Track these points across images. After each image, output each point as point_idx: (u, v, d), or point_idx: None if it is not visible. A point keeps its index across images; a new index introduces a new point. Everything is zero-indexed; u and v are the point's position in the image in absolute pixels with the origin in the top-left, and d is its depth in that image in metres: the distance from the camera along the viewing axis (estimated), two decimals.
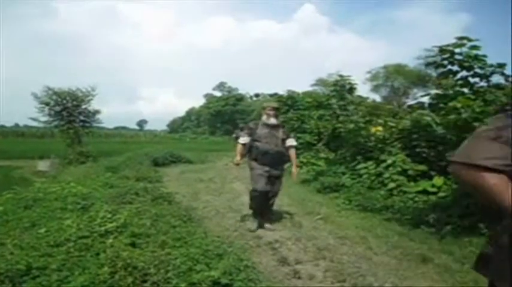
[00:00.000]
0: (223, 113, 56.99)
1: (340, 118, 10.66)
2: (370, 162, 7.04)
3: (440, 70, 5.45)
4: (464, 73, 5.29)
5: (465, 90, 5.33)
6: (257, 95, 64.29)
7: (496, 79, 5.29)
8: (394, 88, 36.44)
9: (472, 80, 5.31)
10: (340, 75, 12.45)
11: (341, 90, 12.04)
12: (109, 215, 3.41)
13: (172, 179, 9.19)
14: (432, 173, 5.98)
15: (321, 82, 33.97)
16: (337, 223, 5.00)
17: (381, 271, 3.35)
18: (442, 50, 5.23)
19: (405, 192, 5.93)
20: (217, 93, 65.13)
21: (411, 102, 24.53)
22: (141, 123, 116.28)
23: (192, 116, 72.34)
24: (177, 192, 6.39)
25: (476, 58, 5.15)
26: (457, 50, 5.18)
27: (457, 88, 5.38)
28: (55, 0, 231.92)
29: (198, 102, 72.54)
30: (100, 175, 7.11)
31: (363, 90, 34.47)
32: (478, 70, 5.22)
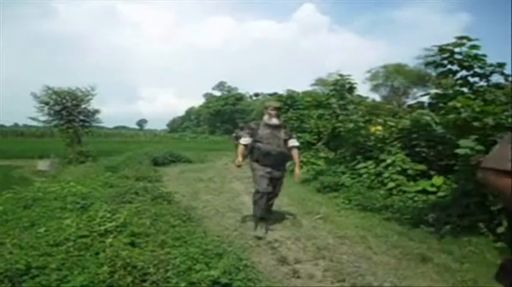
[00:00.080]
0: (222, 113, 57.07)
1: (339, 118, 10.63)
2: (369, 161, 7.04)
3: (439, 70, 5.44)
4: (464, 73, 5.28)
5: (465, 89, 5.32)
6: (257, 95, 64.37)
7: (496, 79, 5.29)
8: (394, 88, 36.47)
9: (472, 80, 5.30)
10: (340, 74, 12.42)
11: (341, 89, 12.01)
12: (108, 214, 3.40)
13: (171, 178, 9.19)
14: (432, 172, 5.98)
15: (321, 82, 33.95)
16: (336, 223, 5.01)
17: (380, 271, 3.35)
18: (442, 50, 5.22)
19: (405, 191, 5.93)
20: (216, 92, 65.38)
21: (411, 101, 24.59)
22: (141, 122, 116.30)
23: (192, 116, 72.43)
24: (177, 191, 6.39)
25: (476, 58, 5.14)
26: (457, 50, 5.17)
27: (457, 88, 5.37)
28: (55, 0, 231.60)
29: (198, 102, 72.58)
30: (100, 175, 7.11)
31: (363, 89, 34.51)
32: (478, 70, 5.21)
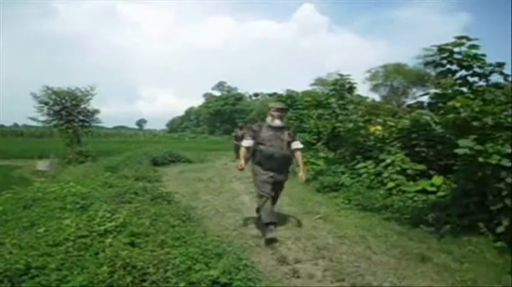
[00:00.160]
0: (222, 113, 57.03)
1: (339, 117, 10.62)
2: (369, 161, 7.04)
3: (439, 69, 5.43)
4: (463, 72, 5.27)
5: (464, 89, 5.32)
6: (256, 95, 64.37)
7: (495, 78, 5.27)
8: (394, 87, 36.46)
9: (471, 79, 5.30)
10: (339, 74, 12.41)
11: (340, 89, 12.00)
12: (108, 214, 3.40)
13: (171, 178, 9.20)
14: (431, 172, 5.99)
15: (321, 81, 33.92)
16: (336, 222, 5.01)
17: (380, 270, 3.35)
18: (441, 49, 5.21)
19: (404, 191, 5.94)
20: (216, 92, 65.29)
21: (410, 101, 24.65)
22: (141, 122, 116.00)
23: (192, 116, 72.34)
24: (176, 191, 6.38)
25: (475, 57, 5.14)
26: (456, 49, 5.16)
27: (456, 87, 5.36)
28: (55, 0, 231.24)
29: (198, 102, 72.48)
30: (99, 175, 7.12)
31: (363, 89, 34.51)
32: (477, 69, 5.20)
